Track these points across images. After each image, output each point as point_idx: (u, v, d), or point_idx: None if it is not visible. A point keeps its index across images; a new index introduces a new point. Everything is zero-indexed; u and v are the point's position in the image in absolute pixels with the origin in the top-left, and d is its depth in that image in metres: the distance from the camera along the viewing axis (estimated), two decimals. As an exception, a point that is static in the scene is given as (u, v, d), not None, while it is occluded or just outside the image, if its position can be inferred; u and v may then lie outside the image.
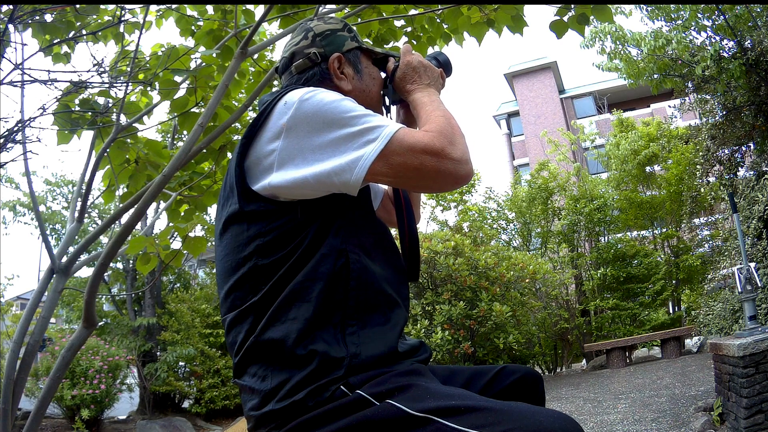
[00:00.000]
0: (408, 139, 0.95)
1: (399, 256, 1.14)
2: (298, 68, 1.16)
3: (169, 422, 7.41)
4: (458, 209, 11.79)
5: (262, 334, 0.95)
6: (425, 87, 1.16)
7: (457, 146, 0.97)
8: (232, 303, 1.01)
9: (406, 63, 1.18)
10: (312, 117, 0.96)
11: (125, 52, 2.49)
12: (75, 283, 8.59)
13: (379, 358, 0.96)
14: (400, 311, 1.06)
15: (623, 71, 8.21)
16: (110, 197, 2.65)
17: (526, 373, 1.15)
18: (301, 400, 0.90)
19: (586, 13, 2.25)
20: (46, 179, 9.43)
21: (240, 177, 1.00)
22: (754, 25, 6.84)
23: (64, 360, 2.02)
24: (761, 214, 5.49)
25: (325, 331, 0.95)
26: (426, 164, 0.94)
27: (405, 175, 0.96)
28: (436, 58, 1.28)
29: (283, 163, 0.96)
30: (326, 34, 1.17)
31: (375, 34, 2.63)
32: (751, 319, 3.80)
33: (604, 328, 10.87)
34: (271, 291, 0.97)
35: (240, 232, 1.01)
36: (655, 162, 12.41)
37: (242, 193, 1.00)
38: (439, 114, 1.05)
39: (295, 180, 0.95)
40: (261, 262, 0.98)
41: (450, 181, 0.97)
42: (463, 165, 0.96)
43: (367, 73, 1.20)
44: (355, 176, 0.93)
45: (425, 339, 7.11)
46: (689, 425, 3.99)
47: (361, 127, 0.95)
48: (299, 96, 0.98)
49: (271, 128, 0.99)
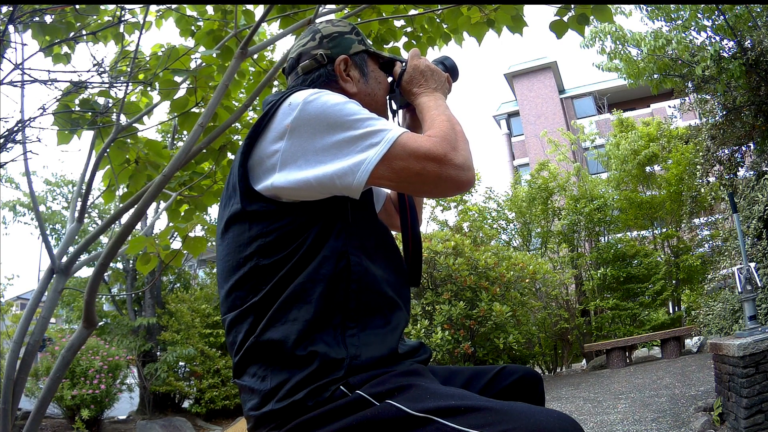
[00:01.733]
0: (411, 144, 0.95)
1: (400, 258, 1.14)
2: (305, 69, 1.16)
3: (169, 422, 7.41)
4: (458, 209, 11.78)
5: (262, 334, 0.95)
6: (432, 91, 1.16)
7: (459, 152, 0.96)
8: (233, 303, 1.01)
9: (413, 67, 1.18)
10: (316, 119, 0.96)
11: (125, 52, 2.50)
12: (75, 283, 8.59)
13: (379, 360, 0.96)
14: (401, 313, 1.06)
15: (623, 71, 8.20)
16: (110, 197, 2.66)
17: (526, 373, 1.15)
18: (300, 400, 0.90)
19: (586, 13, 2.25)
20: (46, 179, 9.42)
21: (243, 177, 1.00)
22: (754, 25, 6.83)
23: (64, 360, 2.02)
24: (761, 214, 5.49)
25: (326, 332, 0.95)
26: (428, 169, 0.94)
27: (407, 180, 0.96)
28: (443, 63, 1.27)
29: (285, 164, 0.96)
30: (334, 36, 1.17)
31: (375, 34, 2.63)
32: (751, 319, 3.80)
33: (604, 328, 10.87)
34: (271, 291, 0.97)
35: (242, 232, 1.01)
36: (655, 162, 12.40)
37: (245, 193, 1.00)
38: (444, 119, 1.04)
39: (298, 181, 0.95)
40: (262, 263, 0.98)
41: (451, 187, 0.97)
42: (465, 171, 0.96)
43: (373, 77, 1.20)
44: (357, 180, 0.93)
45: (425, 339, 7.11)
46: (689, 425, 3.99)
47: (364, 131, 0.95)
48: (304, 97, 0.98)
49: (275, 129, 0.99)
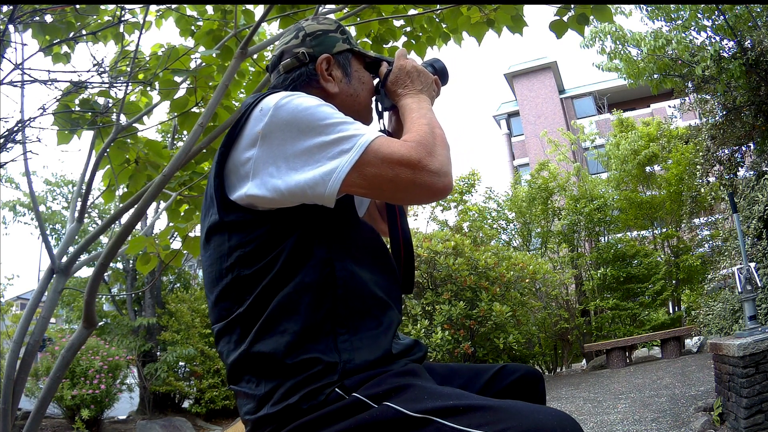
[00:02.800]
0: (383, 150, 0.92)
1: (387, 256, 1.12)
2: (286, 67, 1.13)
3: (169, 422, 7.41)
4: (458, 209, 11.77)
5: (251, 346, 0.94)
6: (417, 93, 1.13)
7: (436, 157, 0.94)
8: (219, 313, 1.00)
9: (399, 67, 1.15)
10: (287, 125, 0.93)
11: (125, 52, 2.50)
12: (75, 283, 8.58)
13: (373, 362, 0.95)
14: (393, 313, 1.05)
15: (623, 71, 8.20)
16: (110, 197, 2.66)
17: (527, 372, 1.14)
18: (295, 403, 0.89)
19: (585, 13, 2.25)
20: (46, 179, 9.41)
21: (218, 187, 0.98)
22: (754, 25, 6.83)
23: (64, 360, 2.03)
24: (761, 214, 5.49)
25: (317, 341, 0.93)
26: (401, 176, 0.92)
27: (379, 187, 0.93)
28: (433, 65, 1.24)
29: (258, 173, 0.94)
30: (317, 34, 1.14)
31: (374, 34, 2.64)
32: (751, 319, 3.80)
33: (604, 328, 10.88)
34: (256, 302, 0.95)
35: (221, 243, 0.99)
36: (655, 162, 12.41)
37: (221, 204, 0.98)
38: (424, 122, 1.02)
39: (270, 190, 0.93)
40: (244, 273, 0.96)
41: (426, 194, 0.94)
42: (441, 177, 0.93)
43: (357, 77, 1.17)
44: (329, 190, 0.91)
45: (425, 339, 7.11)
46: (689, 425, 3.98)
47: (336, 136, 0.92)
48: (275, 102, 0.95)
49: (247, 136, 0.97)
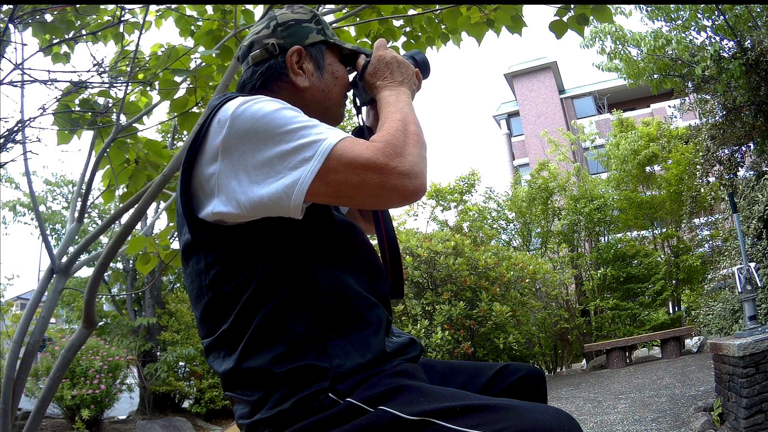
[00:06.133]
0: (348, 154, 0.86)
1: (372, 255, 1.07)
2: (254, 59, 1.06)
3: (169, 422, 7.41)
4: (458, 209, 11.77)
5: (240, 363, 0.92)
6: (396, 85, 1.06)
7: (405, 158, 0.88)
8: (206, 329, 0.99)
9: (378, 57, 1.08)
10: (245, 135, 0.89)
11: (125, 52, 2.50)
12: (75, 283, 8.58)
13: (365, 364, 0.93)
14: (380, 310, 1.01)
15: (623, 71, 8.21)
16: (110, 197, 2.66)
17: (529, 372, 1.12)
18: (288, 409, 0.88)
19: (585, 14, 2.25)
20: (46, 179, 9.42)
21: (186, 206, 0.95)
22: (754, 25, 6.84)
23: (64, 360, 2.03)
24: (761, 214, 5.49)
25: (307, 349, 0.91)
26: (367, 181, 0.86)
27: (346, 194, 0.88)
28: (414, 57, 1.18)
29: (222, 188, 0.90)
30: (289, 24, 1.07)
31: (374, 34, 2.64)
32: (751, 319, 3.80)
33: (604, 328, 10.88)
34: (239, 317, 0.93)
35: (198, 261, 0.97)
36: (655, 162, 12.42)
37: (191, 223, 0.95)
38: (397, 117, 0.96)
39: (234, 206, 0.89)
40: (224, 289, 0.94)
41: (397, 198, 0.88)
42: (412, 179, 0.87)
43: (330, 71, 1.09)
44: (293, 203, 0.86)
45: (425, 339, 7.11)
46: (689, 425, 3.98)
47: (296, 144, 0.87)
48: (232, 110, 0.90)
49: (208, 150, 0.92)
